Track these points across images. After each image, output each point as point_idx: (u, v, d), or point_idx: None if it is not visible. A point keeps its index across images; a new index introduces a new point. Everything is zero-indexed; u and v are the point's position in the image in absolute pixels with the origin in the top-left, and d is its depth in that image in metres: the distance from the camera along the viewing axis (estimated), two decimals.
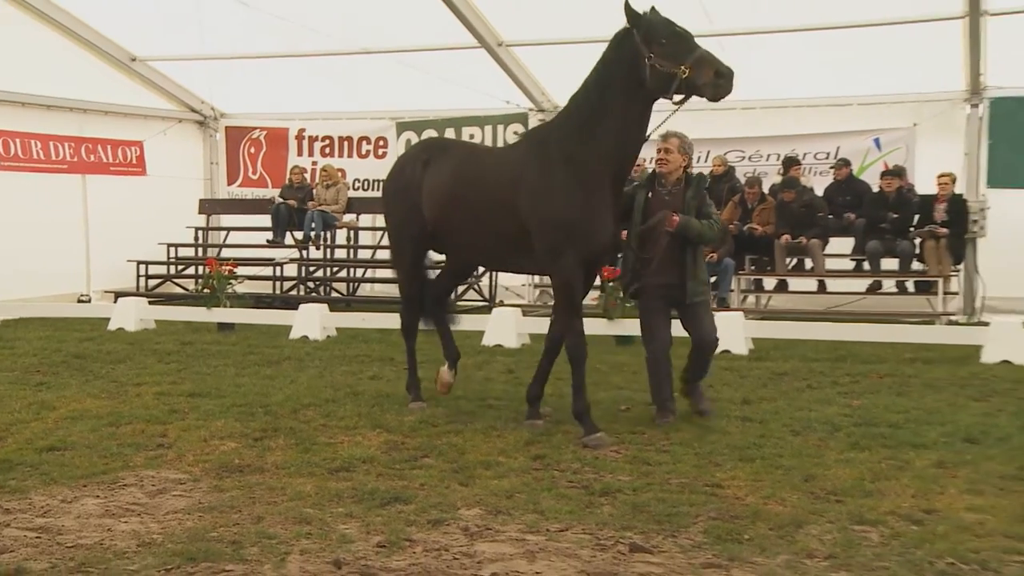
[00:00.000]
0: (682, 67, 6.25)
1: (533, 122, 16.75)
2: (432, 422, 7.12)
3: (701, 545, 4.44)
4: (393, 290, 17.18)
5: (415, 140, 17.76)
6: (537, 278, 16.09)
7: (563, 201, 6.58)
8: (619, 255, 8.11)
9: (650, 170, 7.81)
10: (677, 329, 7.48)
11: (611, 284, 11.44)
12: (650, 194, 7.31)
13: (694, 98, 6.47)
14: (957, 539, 4.48)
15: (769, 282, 15.02)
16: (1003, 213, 13.96)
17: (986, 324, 11.00)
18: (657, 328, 7.33)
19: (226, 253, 16.86)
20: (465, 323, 12.64)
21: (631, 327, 11.64)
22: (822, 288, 14.64)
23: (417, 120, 17.78)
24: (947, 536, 4.52)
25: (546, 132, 7.13)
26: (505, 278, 15.92)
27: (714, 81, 6.31)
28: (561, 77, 15.87)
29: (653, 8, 6.51)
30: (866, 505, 5.04)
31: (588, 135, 6.57)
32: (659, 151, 7.28)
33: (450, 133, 17.36)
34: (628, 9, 6.44)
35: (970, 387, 8.62)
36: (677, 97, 6.46)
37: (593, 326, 11.73)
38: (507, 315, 11.92)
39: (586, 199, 6.58)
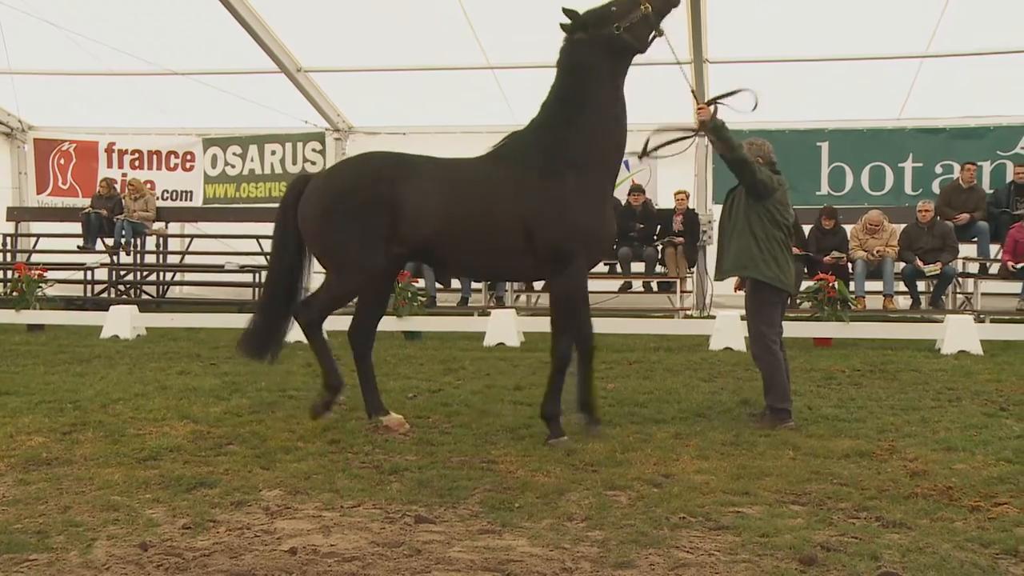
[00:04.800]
0: (641, 7, 5.98)
1: (330, 141, 16.59)
2: (236, 412, 6.86)
3: (478, 514, 4.46)
4: (201, 291, 16.65)
5: (221, 155, 17.33)
6: None
7: (579, 207, 5.91)
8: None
9: None
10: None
11: (400, 285, 11.40)
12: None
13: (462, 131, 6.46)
14: (688, 497, 4.69)
15: (538, 283, 15.36)
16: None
17: (713, 317, 11.64)
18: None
19: (36, 259, 15.86)
20: None
21: (418, 323, 11.71)
22: None
23: (222, 137, 17.34)
24: (681, 495, 4.72)
25: (536, 138, 6.10)
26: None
27: None
28: (355, 100, 15.87)
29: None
30: (617, 473, 5.20)
31: (586, 135, 5.98)
32: None
33: (253, 149, 17.10)
34: (568, 13, 6.05)
35: (701, 370, 9.09)
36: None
37: (382, 323, 11.68)
38: None
39: (597, 202, 6.05)
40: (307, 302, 6.42)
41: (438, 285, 14.04)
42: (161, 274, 17.12)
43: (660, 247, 14.37)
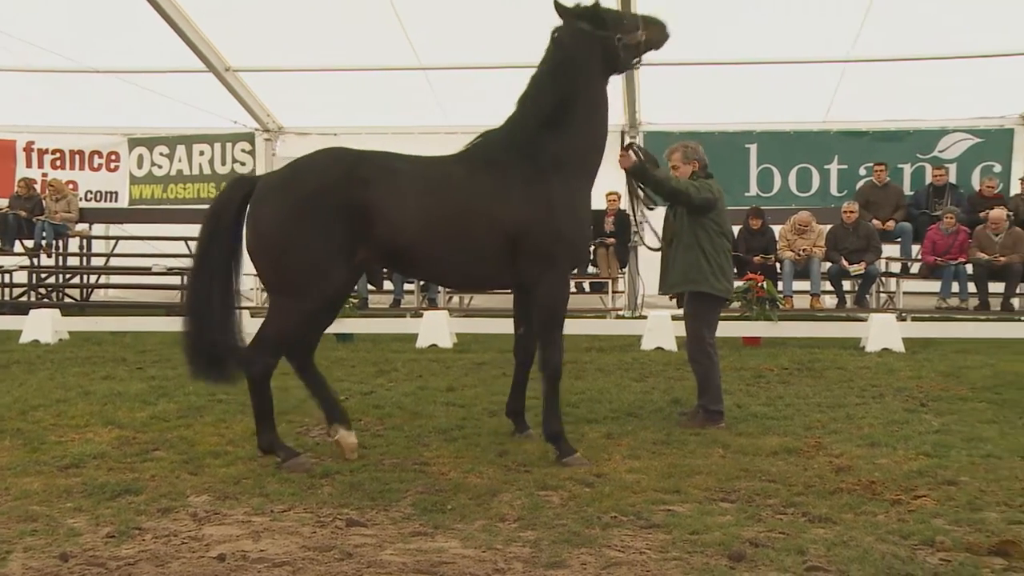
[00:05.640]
0: (639, 33, 5.92)
1: (260, 141, 16.35)
2: (164, 417, 6.72)
3: (410, 516, 4.43)
4: (127, 294, 16.28)
5: (147, 155, 16.95)
6: None
7: (565, 212, 5.61)
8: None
9: None
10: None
11: None
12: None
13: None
14: (620, 496, 4.74)
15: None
16: (657, 225, 15.07)
17: (645, 317, 11.76)
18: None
19: None
20: None
21: (350, 325, 11.61)
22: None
23: (149, 137, 16.96)
24: (612, 495, 4.76)
25: (519, 137, 5.71)
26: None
27: (663, 36, 6.08)
28: (285, 100, 15.67)
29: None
30: (549, 473, 5.22)
31: (570, 135, 5.71)
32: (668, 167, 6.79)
33: (181, 150, 16.77)
34: (596, 7, 5.88)
35: (632, 370, 9.18)
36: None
37: None
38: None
39: (581, 207, 5.82)
40: (257, 346, 5.38)
41: (370, 287, 13.94)
42: (85, 276, 16.72)
43: (592, 248, 14.49)
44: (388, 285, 14.23)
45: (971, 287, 13.36)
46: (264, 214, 5.34)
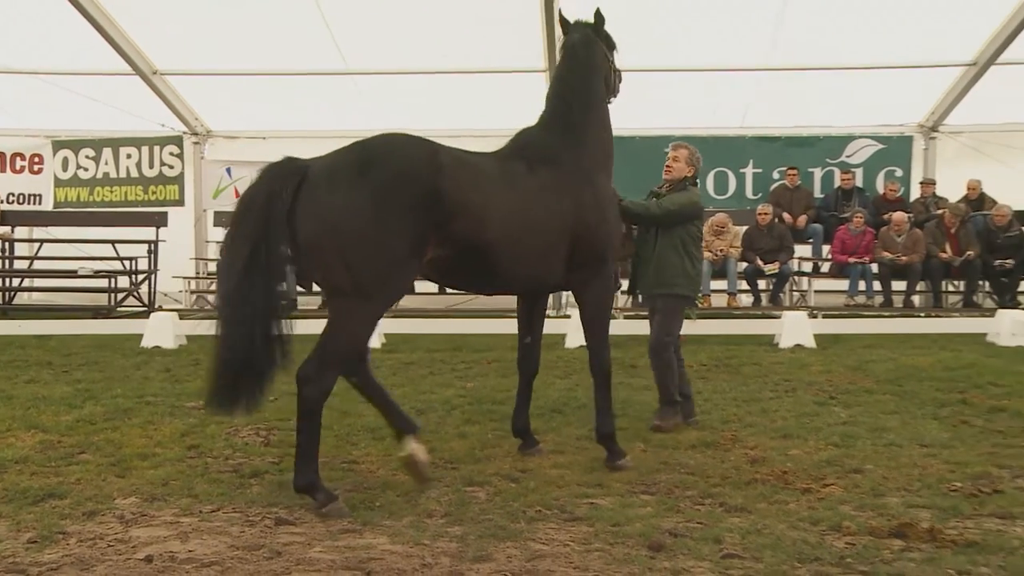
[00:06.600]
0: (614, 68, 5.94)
1: (188, 144, 16.03)
2: (90, 420, 6.53)
3: None
4: (53, 297, 15.80)
5: (72, 158, 16.46)
6: (194, 283, 15.33)
7: (612, 211, 5.54)
8: None
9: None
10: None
11: None
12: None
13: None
14: (545, 491, 4.77)
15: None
16: None
17: (568, 317, 11.82)
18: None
19: None
20: (124, 327, 11.82)
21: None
22: (443, 289, 15.07)
23: (74, 139, 16.47)
24: (537, 489, 4.80)
25: (557, 137, 5.41)
26: (164, 283, 15.09)
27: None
28: (213, 104, 15.40)
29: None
30: (476, 469, 5.23)
31: (596, 137, 5.57)
32: (669, 157, 6.75)
33: (107, 153, 16.34)
34: (599, 16, 5.88)
35: (557, 368, 9.23)
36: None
37: None
38: (165, 318, 11.24)
39: (615, 203, 5.72)
40: (321, 361, 4.79)
41: (299, 288, 13.76)
42: (7, 279, 16.15)
43: None
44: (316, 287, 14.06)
45: (876, 285, 13.79)
46: (337, 203, 4.41)
